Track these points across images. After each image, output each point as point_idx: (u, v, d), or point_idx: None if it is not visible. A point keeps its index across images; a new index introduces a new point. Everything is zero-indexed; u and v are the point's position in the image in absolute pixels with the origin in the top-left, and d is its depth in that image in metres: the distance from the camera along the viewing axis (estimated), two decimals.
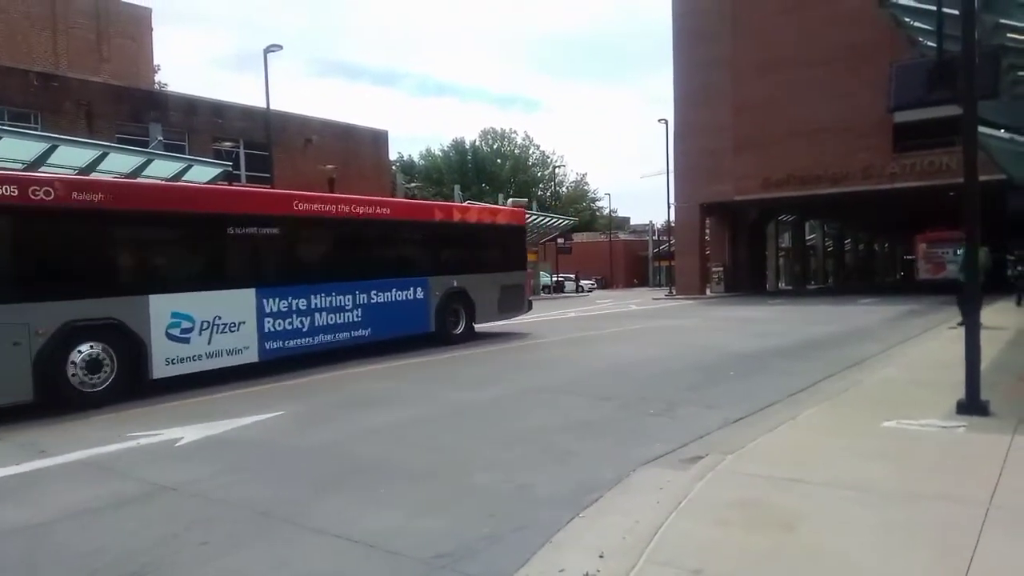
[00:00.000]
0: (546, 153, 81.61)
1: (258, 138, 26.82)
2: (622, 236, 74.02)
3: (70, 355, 8.38)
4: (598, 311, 27.30)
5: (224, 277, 10.38)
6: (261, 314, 10.60)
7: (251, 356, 10.46)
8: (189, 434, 7.03)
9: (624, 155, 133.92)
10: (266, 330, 10.67)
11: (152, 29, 32.49)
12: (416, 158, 77.43)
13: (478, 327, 15.45)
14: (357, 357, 12.20)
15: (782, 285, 49.74)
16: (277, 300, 10.86)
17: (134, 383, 9.01)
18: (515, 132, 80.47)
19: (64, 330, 8.29)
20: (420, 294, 13.56)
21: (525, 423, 7.28)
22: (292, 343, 11.07)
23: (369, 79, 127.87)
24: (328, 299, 11.66)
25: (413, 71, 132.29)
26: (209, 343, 9.86)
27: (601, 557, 3.73)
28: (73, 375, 8.40)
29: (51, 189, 8.33)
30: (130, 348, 9.00)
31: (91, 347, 8.58)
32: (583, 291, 50.60)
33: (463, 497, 4.95)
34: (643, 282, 65.16)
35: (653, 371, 10.67)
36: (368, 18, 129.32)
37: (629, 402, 8.26)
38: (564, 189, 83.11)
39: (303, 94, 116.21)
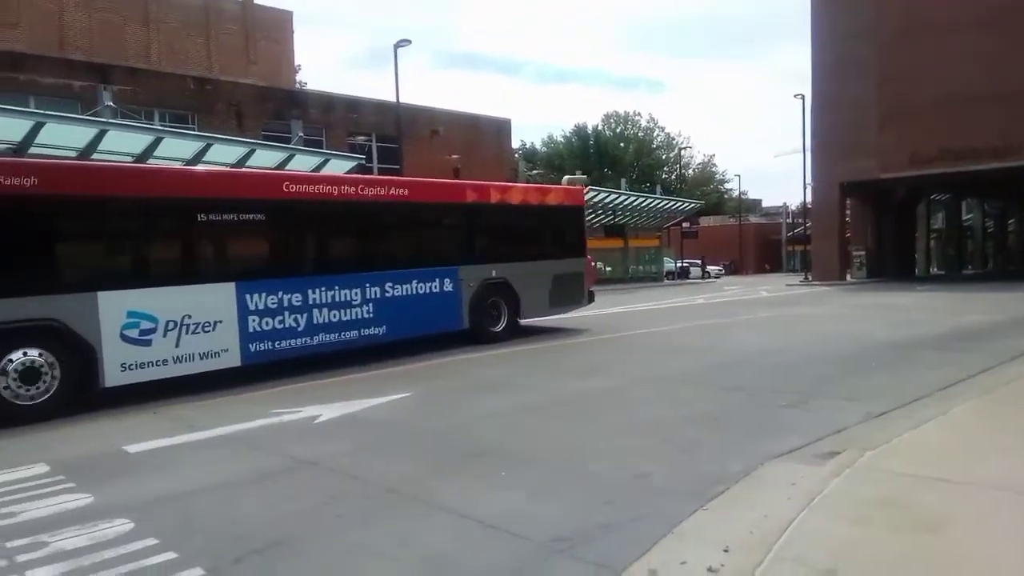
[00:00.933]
0: (671, 135, 79.44)
1: (389, 131, 27.90)
2: (752, 219, 70.94)
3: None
4: (726, 298, 26.35)
5: (195, 271, 9.15)
6: (243, 312, 9.28)
7: (231, 359, 9.18)
8: (327, 412, 7.46)
9: (755, 134, 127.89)
10: (250, 330, 9.32)
11: (293, 32, 34.54)
12: (538, 145, 77.80)
13: (533, 322, 13.97)
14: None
15: (933, 270, 45.86)
16: (264, 296, 9.50)
17: (82, 392, 8.00)
18: (638, 115, 78.80)
19: None
20: (449, 286, 11.91)
21: (643, 413, 7.15)
22: (285, 344, 9.74)
23: (492, 68, 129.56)
24: (330, 293, 10.25)
25: (534, 59, 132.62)
26: (177, 345, 8.67)
27: (726, 551, 3.61)
28: (5, 387, 7.40)
29: None
30: (76, 353, 7.88)
31: (24, 354, 7.52)
32: (709, 277, 49.01)
33: (579, 484, 4.94)
34: (775, 268, 62.20)
35: (786, 361, 10.16)
36: (489, 9, 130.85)
37: (758, 393, 7.91)
38: (690, 171, 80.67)
39: (430, 87, 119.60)
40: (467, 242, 12.65)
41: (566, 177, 14.91)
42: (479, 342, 12.23)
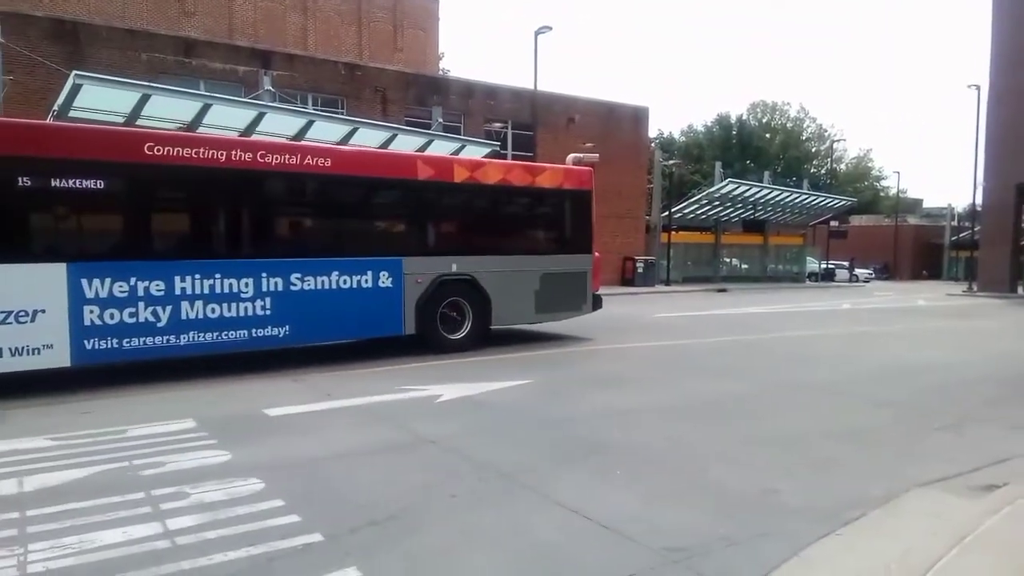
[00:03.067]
0: (823, 126, 74.75)
1: (524, 118, 28.07)
2: (911, 220, 65.42)
3: None
4: (877, 304, 24.48)
5: (7, 247, 7.39)
6: (77, 300, 7.57)
7: (58, 358, 7.51)
8: (448, 392, 7.61)
9: (918, 129, 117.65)
10: (85, 323, 7.62)
11: (439, 19, 35.50)
12: (677, 135, 75.66)
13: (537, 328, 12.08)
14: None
15: None
16: (107, 281, 7.74)
17: None
18: (788, 104, 74.78)
19: None
20: (386, 281, 9.77)
21: (776, 423, 6.72)
22: (136, 342, 7.93)
23: (632, 55, 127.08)
24: (208, 283, 8.37)
25: (676, 44, 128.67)
26: None
27: None
28: None
29: None
30: None
31: None
32: (858, 281, 45.74)
33: (700, 492, 4.69)
34: (934, 274, 57.15)
35: (943, 379, 9.24)
36: None
37: (909, 411, 7.23)
38: (842, 166, 75.56)
39: (570, 73, 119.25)
40: (417, 229, 10.50)
41: (571, 155, 12.92)
42: (432, 350, 10.21)
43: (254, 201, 9.11)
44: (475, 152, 18.66)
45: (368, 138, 16.59)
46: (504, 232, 11.54)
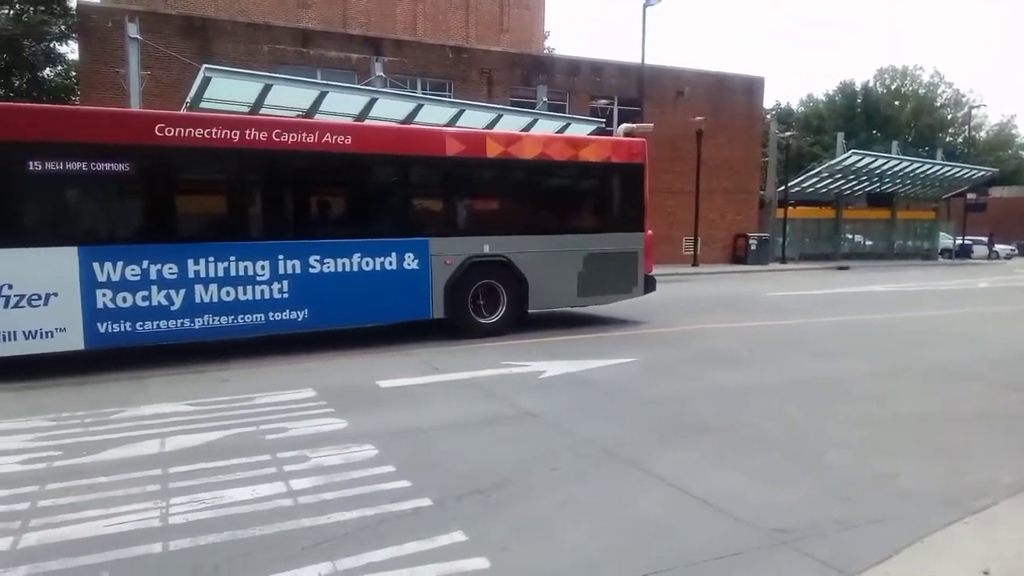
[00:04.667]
0: (960, 91, 68.75)
1: (631, 94, 27.51)
2: None
3: None
4: (1019, 283, 22.45)
5: (19, 231, 7.44)
6: (89, 283, 7.57)
7: (72, 341, 7.54)
8: (551, 369, 7.68)
9: None
10: (98, 306, 7.61)
11: None
12: (795, 105, 71.82)
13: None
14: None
15: None
16: (119, 264, 7.71)
17: None
18: (920, 69, 69.23)
19: None
20: (412, 263, 9.39)
21: (897, 405, 6.35)
22: (150, 325, 7.89)
23: (747, 23, 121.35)
24: (222, 266, 8.24)
25: (795, 10, 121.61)
26: None
27: (986, 574, 3.09)
28: None
29: None
30: None
31: None
32: (998, 258, 42.06)
33: (811, 474, 4.52)
34: None
35: None
36: None
37: None
38: (982, 134, 69.30)
39: (680, 45, 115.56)
40: (445, 208, 10.05)
41: (623, 126, 11.63)
42: (464, 334, 9.81)
43: (270, 182, 8.91)
44: (580, 129, 18.51)
45: (473, 120, 16.82)
46: (543, 210, 10.78)
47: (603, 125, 20.63)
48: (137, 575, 3.21)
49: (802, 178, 33.93)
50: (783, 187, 32.33)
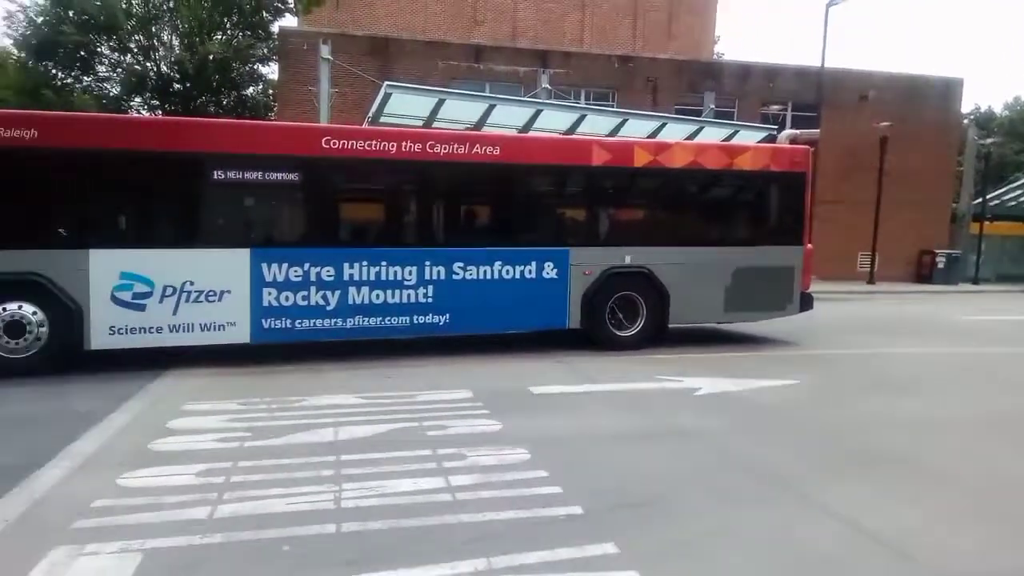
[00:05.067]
0: None
1: (807, 98, 25.99)
2: None
3: None
4: None
5: (201, 233, 8.36)
6: (257, 282, 8.28)
7: (239, 334, 8.27)
8: (707, 386, 7.45)
9: None
10: (264, 303, 8.32)
11: (716, 3, 34.28)
12: (998, 109, 64.24)
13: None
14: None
15: None
16: (284, 266, 8.39)
17: (69, 352, 7.77)
18: None
19: None
20: (551, 272, 9.39)
21: None
22: (307, 323, 8.51)
23: (944, 21, 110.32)
24: (373, 270, 8.71)
25: (1001, 3, 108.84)
26: (174, 313, 8.00)
27: None
28: None
29: None
30: (61, 311, 7.65)
31: (20, 307, 7.55)
32: None
33: (1001, 518, 4.06)
34: None
35: None
36: None
37: None
38: None
39: (866, 46, 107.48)
40: (588, 218, 10.05)
41: (785, 132, 10.92)
42: (600, 346, 9.63)
43: (421, 191, 9.30)
44: (749, 137, 17.78)
45: (637, 129, 16.70)
46: (691, 220, 10.41)
47: (774, 132, 19.69)
48: (313, 551, 3.52)
49: (1003, 190, 30.34)
50: (980, 200, 29.07)
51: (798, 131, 11.32)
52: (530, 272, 9.35)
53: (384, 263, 8.74)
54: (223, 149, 8.21)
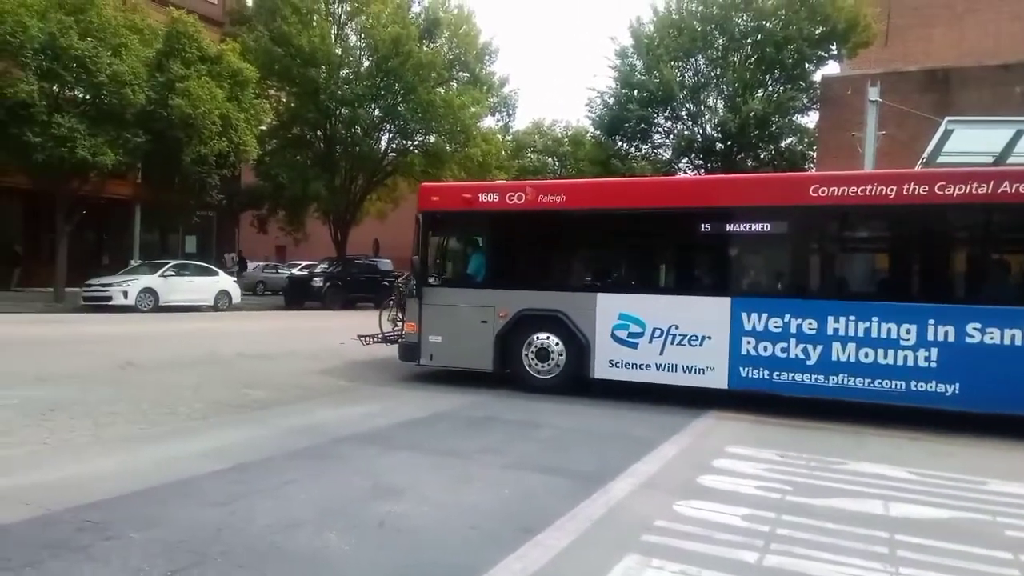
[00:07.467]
0: None
1: None
2: None
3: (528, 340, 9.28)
4: None
5: (687, 281, 9.22)
6: (737, 330, 8.26)
7: (717, 380, 8.38)
8: None
9: None
10: (743, 352, 8.24)
11: None
12: None
13: None
14: None
15: None
16: (764, 316, 8.16)
17: (578, 379, 9.06)
18: None
19: (517, 316, 9.25)
20: None
21: None
22: (786, 376, 8.11)
23: None
24: (863, 325, 7.77)
25: None
26: (661, 354, 8.59)
27: None
28: (527, 359, 9.27)
29: (523, 194, 9.28)
30: (575, 343, 9.00)
31: (548, 337, 9.15)
32: None
33: None
34: None
35: None
36: None
37: None
38: None
39: None
40: None
41: None
42: None
43: (924, 238, 8.19)
44: None
45: None
46: None
47: None
48: None
49: None
50: None
51: None
52: None
53: (875, 318, 7.82)
54: (714, 203, 8.72)
